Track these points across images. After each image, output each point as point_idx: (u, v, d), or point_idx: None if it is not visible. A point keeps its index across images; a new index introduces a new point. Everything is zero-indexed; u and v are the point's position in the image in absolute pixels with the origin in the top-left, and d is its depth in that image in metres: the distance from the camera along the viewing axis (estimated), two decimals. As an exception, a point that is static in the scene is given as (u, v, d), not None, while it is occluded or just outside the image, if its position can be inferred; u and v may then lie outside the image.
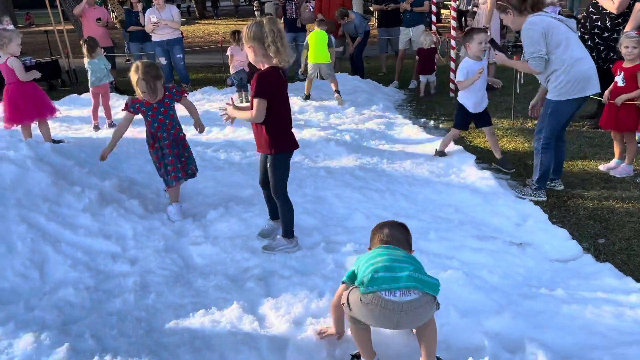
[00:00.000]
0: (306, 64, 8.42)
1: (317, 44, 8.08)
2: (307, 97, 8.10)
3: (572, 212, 4.15)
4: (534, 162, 4.42)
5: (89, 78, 7.03)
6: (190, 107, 4.25)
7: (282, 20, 10.36)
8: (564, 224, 3.93)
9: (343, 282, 2.42)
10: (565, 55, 4.01)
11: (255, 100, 3.12)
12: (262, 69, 3.18)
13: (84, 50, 7.02)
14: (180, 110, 4.17)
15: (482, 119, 5.24)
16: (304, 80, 9.54)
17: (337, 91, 7.99)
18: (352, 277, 2.33)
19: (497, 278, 3.11)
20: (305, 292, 2.89)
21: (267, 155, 3.36)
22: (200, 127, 4.24)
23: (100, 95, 6.95)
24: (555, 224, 3.86)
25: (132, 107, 3.95)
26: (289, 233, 3.49)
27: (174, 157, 4.05)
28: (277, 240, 3.53)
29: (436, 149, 5.49)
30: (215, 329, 2.68)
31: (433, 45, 8.71)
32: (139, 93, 3.86)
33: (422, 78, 8.81)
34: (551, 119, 4.20)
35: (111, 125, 6.90)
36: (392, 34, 9.86)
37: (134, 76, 3.82)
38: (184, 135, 4.17)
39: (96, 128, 6.84)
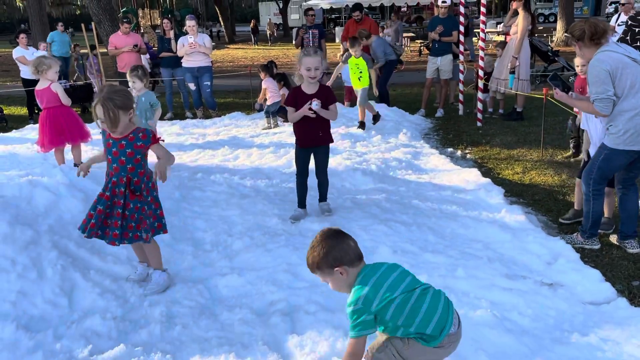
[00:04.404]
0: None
1: (351, 70, 7.93)
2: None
3: (605, 251, 4.04)
4: (584, 209, 4.10)
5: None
6: (160, 154, 3.33)
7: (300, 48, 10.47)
8: (597, 264, 3.83)
9: (357, 337, 2.17)
10: (632, 100, 3.65)
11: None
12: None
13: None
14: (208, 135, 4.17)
15: None
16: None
17: (361, 123, 7.82)
18: (371, 326, 2.18)
19: (528, 321, 3.03)
20: (331, 331, 2.85)
21: None
22: (161, 176, 3.28)
23: None
24: (588, 264, 3.76)
25: (103, 132, 3.45)
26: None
27: (97, 208, 3.30)
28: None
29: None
30: (240, 366, 2.66)
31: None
32: (95, 118, 3.23)
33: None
34: (602, 164, 3.88)
35: None
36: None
37: (96, 98, 3.20)
38: (139, 194, 3.30)
39: None
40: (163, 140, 3.37)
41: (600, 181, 3.96)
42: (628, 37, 6.09)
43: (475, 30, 17.66)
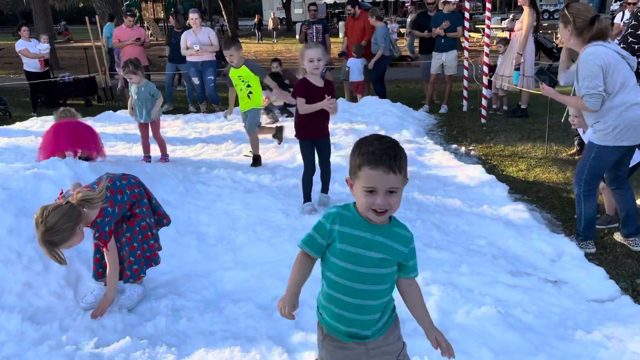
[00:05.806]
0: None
1: (236, 86, 5.95)
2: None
3: (609, 249, 4.05)
4: (577, 211, 4.06)
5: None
6: (108, 262, 3.15)
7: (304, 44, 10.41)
8: (601, 261, 3.83)
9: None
10: (621, 97, 3.61)
11: None
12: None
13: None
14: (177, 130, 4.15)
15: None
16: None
17: (255, 158, 6.06)
18: None
19: (532, 317, 3.04)
20: (336, 325, 2.86)
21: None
22: (98, 311, 3.10)
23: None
24: (592, 262, 3.76)
25: None
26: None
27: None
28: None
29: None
30: None
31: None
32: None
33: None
34: (593, 163, 3.82)
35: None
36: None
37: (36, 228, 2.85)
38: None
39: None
40: (108, 251, 3.13)
41: (592, 181, 3.90)
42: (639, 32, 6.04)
43: (478, 27, 17.64)
